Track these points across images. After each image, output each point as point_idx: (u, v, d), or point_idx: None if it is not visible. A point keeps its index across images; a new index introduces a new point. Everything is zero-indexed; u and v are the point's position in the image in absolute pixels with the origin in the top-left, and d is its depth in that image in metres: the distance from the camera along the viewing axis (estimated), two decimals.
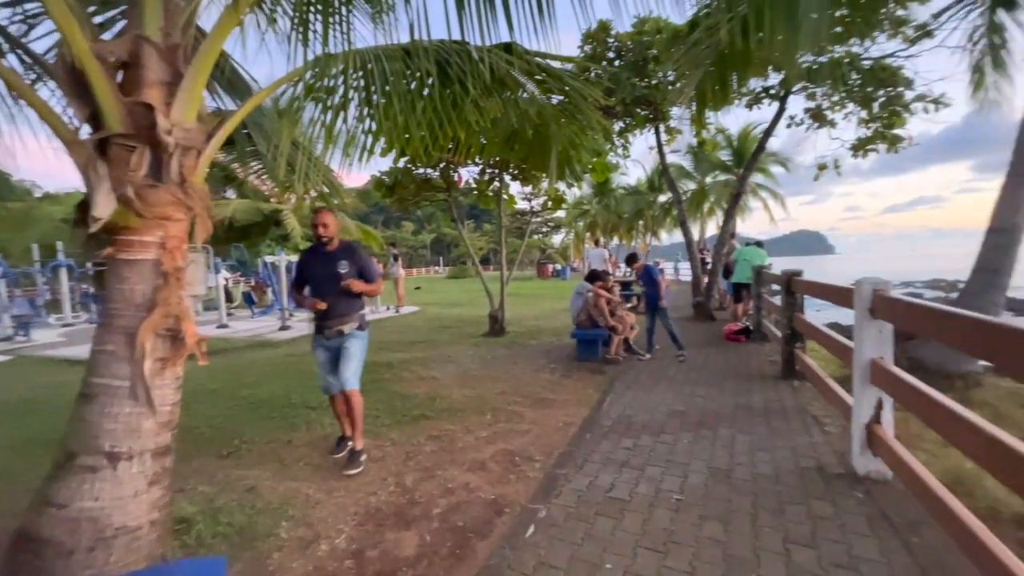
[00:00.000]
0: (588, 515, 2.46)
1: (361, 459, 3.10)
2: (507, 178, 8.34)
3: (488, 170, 8.28)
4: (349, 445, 3.23)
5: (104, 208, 1.83)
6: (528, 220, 10.98)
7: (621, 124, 9.60)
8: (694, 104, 5.26)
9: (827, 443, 3.23)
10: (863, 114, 8.18)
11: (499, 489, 2.82)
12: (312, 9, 2.35)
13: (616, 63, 8.85)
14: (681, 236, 10.99)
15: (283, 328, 9.64)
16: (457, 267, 38.18)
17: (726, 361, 5.95)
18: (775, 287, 6.35)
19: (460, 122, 2.79)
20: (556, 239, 42.13)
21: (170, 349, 2.04)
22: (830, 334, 3.60)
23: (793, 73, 6.06)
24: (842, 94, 8.10)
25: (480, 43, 2.45)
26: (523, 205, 9.73)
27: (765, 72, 7.82)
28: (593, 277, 6.38)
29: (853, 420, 2.75)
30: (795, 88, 8.33)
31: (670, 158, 11.55)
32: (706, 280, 10.21)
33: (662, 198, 23.96)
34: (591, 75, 8.30)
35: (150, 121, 1.92)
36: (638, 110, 9.06)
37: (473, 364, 6.18)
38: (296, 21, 2.32)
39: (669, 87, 8.10)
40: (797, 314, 4.74)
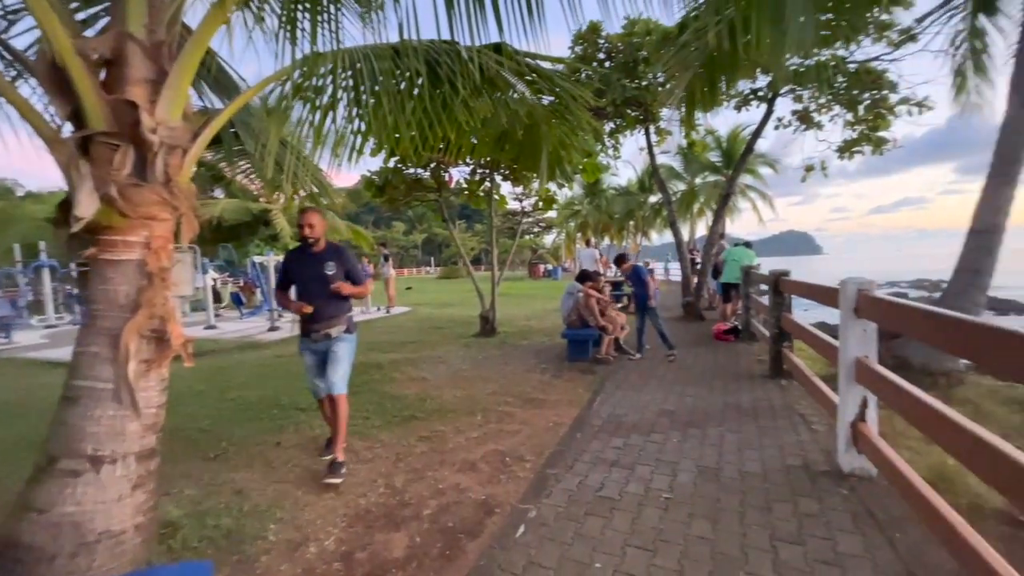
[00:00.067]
0: (578, 515, 2.46)
1: (342, 471, 2.94)
2: (498, 178, 8.33)
3: (479, 170, 8.27)
4: (331, 456, 3.05)
5: (87, 207, 1.80)
6: (519, 220, 10.97)
7: (612, 125, 9.65)
8: (683, 105, 5.31)
9: (814, 441, 3.27)
10: (849, 116, 8.31)
11: (489, 489, 2.81)
12: (300, 7, 2.33)
13: (606, 64, 8.89)
14: (671, 236, 11.07)
15: (272, 329, 9.54)
16: (448, 267, 38.10)
17: (715, 360, 6.00)
18: (763, 287, 6.42)
19: (450, 122, 2.78)
20: (547, 239, 42.20)
21: (155, 351, 2.02)
22: (816, 333, 3.65)
23: (780, 75, 6.13)
24: (828, 97, 8.22)
25: (470, 43, 2.44)
26: (514, 205, 9.73)
27: (753, 74, 7.90)
28: (583, 277, 6.40)
29: (839, 418, 2.79)
30: (782, 90, 8.43)
31: (660, 159, 11.64)
32: (695, 280, 10.30)
33: (652, 199, 24.12)
34: (582, 76, 8.33)
35: (134, 119, 1.89)
36: (628, 111, 9.10)
37: (464, 364, 6.17)
38: (284, 19, 2.30)
39: (659, 88, 8.16)
40: (784, 314, 4.79)
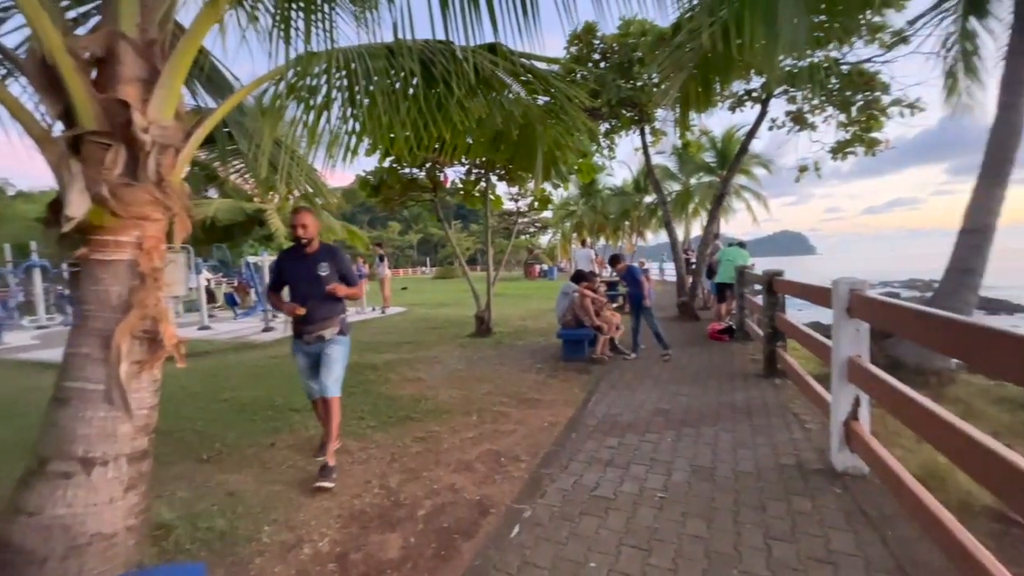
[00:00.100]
0: (573, 514, 2.47)
1: (333, 475, 2.90)
2: (493, 178, 8.33)
3: (474, 170, 8.27)
4: (322, 460, 3.02)
5: (77, 207, 1.78)
6: (515, 220, 10.99)
7: (607, 125, 9.67)
8: (678, 106, 5.33)
9: (807, 440, 3.29)
10: (842, 117, 8.36)
11: (484, 489, 2.81)
12: (294, 6, 2.33)
13: (602, 65, 8.91)
14: (666, 237, 11.11)
15: (266, 329, 9.50)
16: (444, 267, 38.03)
17: (710, 360, 6.03)
18: (757, 287, 6.45)
19: (445, 122, 2.78)
20: (543, 239, 42.23)
21: (147, 351, 2.00)
22: (810, 333, 3.67)
23: (773, 77, 6.17)
24: (821, 98, 8.26)
25: (464, 43, 2.44)
26: (510, 205, 9.75)
27: (747, 75, 7.95)
28: (579, 277, 6.41)
29: (832, 417, 2.81)
30: (776, 92, 8.47)
31: (655, 159, 11.67)
32: (690, 280, 10.33)
33: (648, 199, 24.12)
34: (577, 77, 8.35)
35: (126, 118, 1.88)
36: (623, 111, 9.12)
37: (459, 365, 6.17)
38: (277, 18, 2.30)
39: (654, 89, 8.18)
40: (778, 313, 4.82)
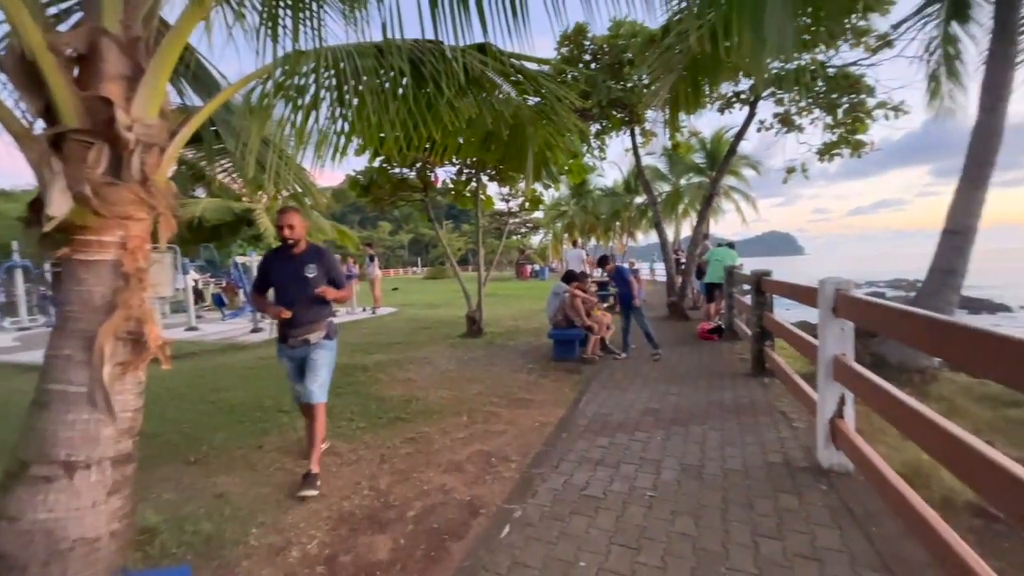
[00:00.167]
0: (563, 514, 2.47)
1: (316, 483, 2.83)
2: (484, 179, 8.33)
3: (465, 170, 8.25)
4: (306, 468, 2.95)
5: (59, 206, 1.75)
6: (506, 221, 10.99)
7: (597, 126, 9.70)
8: (668, 107, 5.36)
9: (794, 438, 3.33)
10: (828, 120, 8.47)
11: (475, 490, 2.81)
12: (281, 4, 2.31)
13: (592, 66, 8.94)
14: (657, 237, 11.18)
15: (255, 331, 9.40)
16: (435, 268, 37.94)
17: (699, 359, 6.08)
18: (746, 287, 6.51)
19: (435, 122, 2.78)
20: (535, 240, 42.31)
21: (131, 353, 1.97)
22: (797, 332, 3.72)
23: (761, 79, 6.24)
24: (808, 100, 8.38)
25: (454, 43, 2.44)
26: (501, 206, 9.74)
27: (735, 77, 8.02)
28: (569, 278, 6.43)
29: (818, 415, 2.85)
30: (764, 94, 8.56)
31: (645, 160, 11.72)
32: (680, 280, 10.41)
33: (638, 200, 24.29)
34: (567, 77, 8.37)
35: (109, 116, 1.84)
36: (614, 112, 9.17)
37: (450, 365, 6.15)
38: (265, 16, 2.27)
39: (644, 90, 8.23)
40: (766, 313, 4.87)
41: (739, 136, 9.38)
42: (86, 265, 1.91)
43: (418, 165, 7.93)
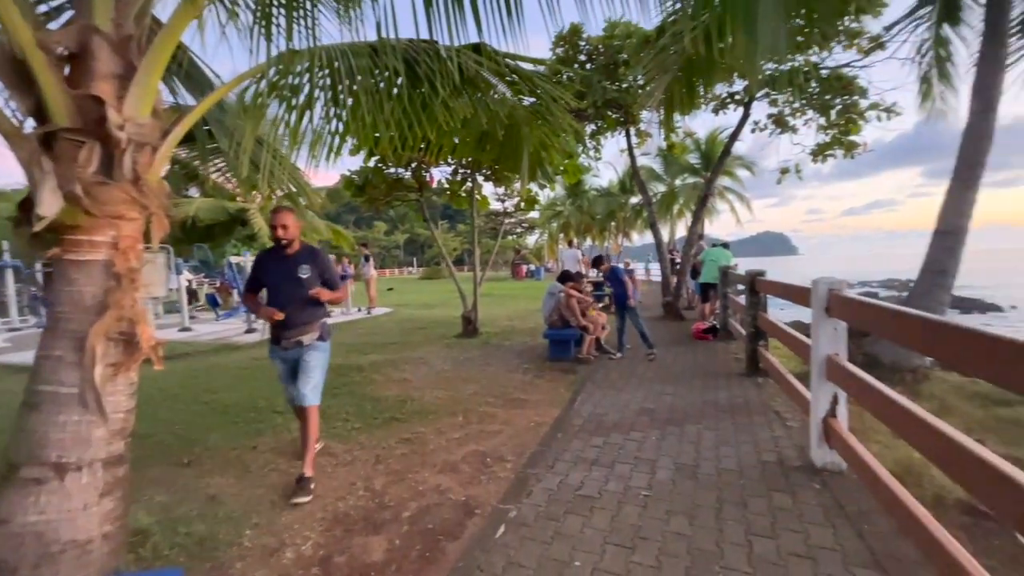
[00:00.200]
0: (558, 514, 2.48)
1: (311, 486, 2.80)
2: (480, 179, 8.32)
3: (461, 170, 8.25)
4: (300, 472, 2.92)
5: (49, 206, 1.73)
6: (502, 221, 11.00)
7: (593, 127, 9.72)
8: (663, 108, 5.38)
9: (788, 437, 3.35)
10: (822, 121, 8.53)
11: (470, 490, 2.81)
12: (275, 2, 2.29)
13: (587, 66, 8.95)
14: (652, 237, 11.21)
15: (249, 331, 9.35)
16: (431, 268, 37.85)
17: (694, 359, 6.10)
18: (740, 287, 6.55)
19: (430, 122, 2.77)
20: (530, 240, 42.33)
21: (123, 354, 1.95)
22: (790, 332, 3.73)
23: (755, 80, 6.27)
24: (802, 101, 8.43)
25: (449, 43, 2.44)
26: (496, 206, 9.75)
27: (730, 78, 8.06)
28: (565, 278, 6.44)
29: (811, 414, 2.86)
30: (758, 95, 8.61)
31: (640, 161, 11.76)
32: (675, 280, 10.44)
33: (633, 200, 24.34)
34: (563, 78, 8.39)
35: (100, 115, 1.83)
36: (609, 113, 9.18)
37: (446, 365, 6.14)
38: (258, 15, 2.26)
39: (639, 91, 8.25)
40: (760, 313, 4.90)
41: (733, 137, 9.42)
42: (77, 265, 1.89)
43: (413, 165, 7.91)
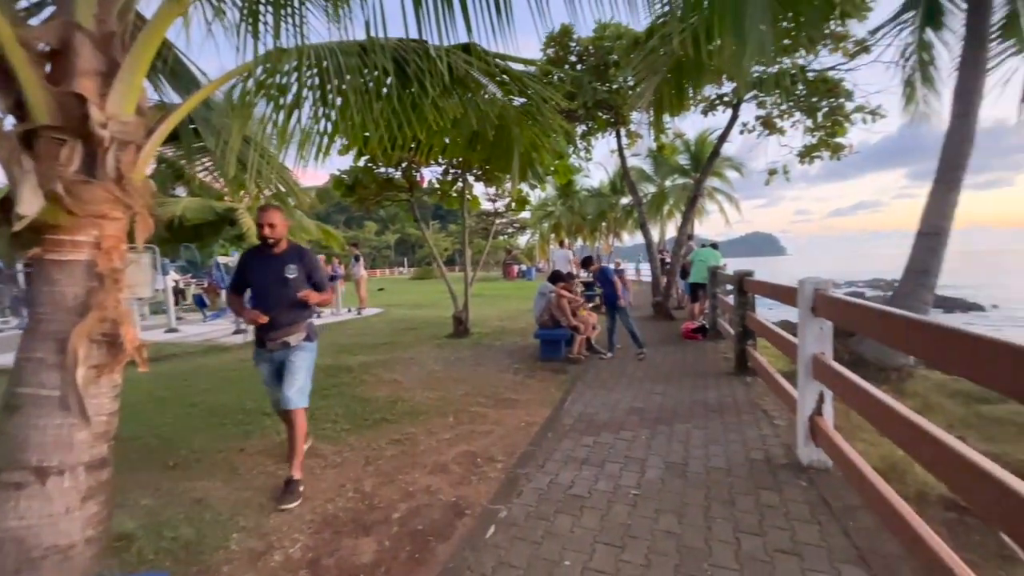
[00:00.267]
0: (548, 513, 2.48)
1: (299, 489, 2.77)
2: (470, 179, 8.31)
3: (451, 171, 8.23)
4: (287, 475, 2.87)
5: (30, 205, 1.70)
6: (493, 221, 10.99)
7: (583, 127, 9.75)
8: (652, 109, 5.41)
9: (775, 435, 3.39)
10: (809, 123, 8.64)
11: (460, 491, 2.80)
12: (262, 0, 2.27)
13: (578, 67, 8.98)
14: (642, 238, 11.27)
15: (237, 332, 9.24)
16: (422, 268, 37.72)
17: (683, 359, 6.15)
18: (729, 287, 6.61)
19: (420, 122, 2.76)
20: (522, 240, 42.35)
21: (106, 355, 1.92)
22: (778, 331, 3.78)
23: (742, 82, 6.34)
24: (789, 104, 8.53)
25: (438, 43, 2.43)
26: (487, 206, 9.73)
27: (718, 80, 8.13)
28: (556, 278, 6.45)
29: (798, 413, 2.90)
30: (747, 96, 8.70)
31: (631, 161, 11.83)
32: (665, 280, 10.51)
33: (624, 200, 24.45)
34: (553, 79, 8.41)
35: (82, 113, 1.79)
36: (599, 114, 9.22)
37: (436, 366, 6.13)
38: (245, 12, 2.24)
39: (629, 92, 8.29)
40: (749, 313, 4.95)
41: (722, 138, 9.50)
42: (59, 265, 1.85)
43: (404, 165, 7.88)
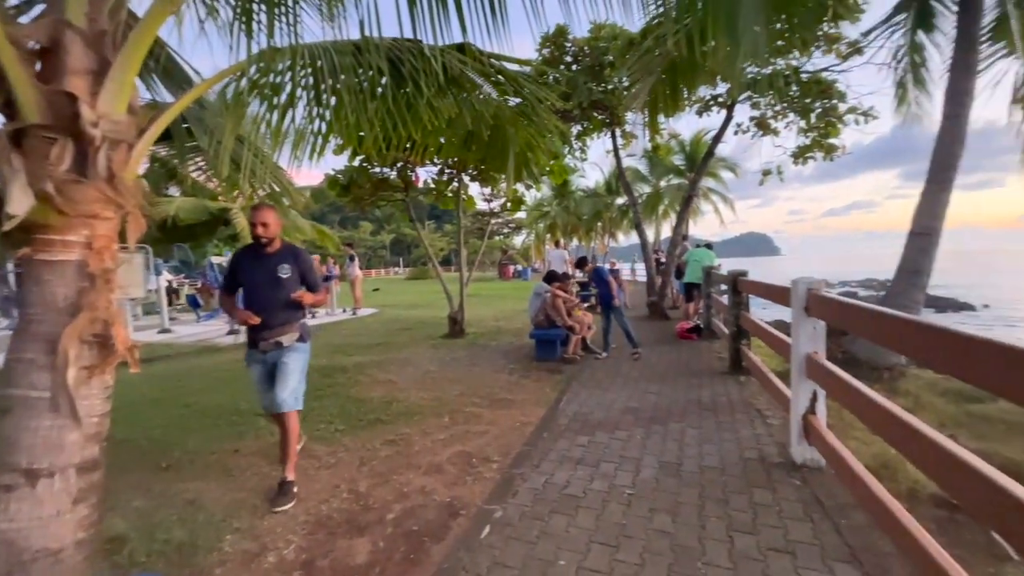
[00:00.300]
0: (543, 513, 2.48)
1: (293, 490, 2.75)
2: (466, 179, 8.30)
3: (446, 170, 8.22)
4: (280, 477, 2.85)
5: (19, 204, 1.68)
6: (488, 221, 10.99)
7: (579, 128, 9.77)
8: (647, 109, 5.43)
9: (769, 434, 3.40)
10: (802, 124, 8.70)
11: (455, 491, 2.80)
12: None
13: (573, 67, 9.00)
14: (637, 238, 11.31)
15: (231, 332, 9.18)
16: (417, 268, 37.62)
17: (678, 358, 6.17)
18: (723, 287, 6.64)
19: (415, 122, 2.75)
20: (517, 240, 42.37)
21: (98, 356, 1.90)
22: (771, 331, 3.80)
23: (736, 83, 6.38)
24: (783, 104, 8.59)
25: (433, 43, 2.42)
26: (483, 206, 9.75)
27: (713, 81, 8.18)
28: (551, 278, 6.46)
29: (791, 412, 2.92)
30: (741, 97, 8.75)
31: (626, 162, 11.89)
32: (660, 280, 10.54)
33: (619, 201, 24.54)
34: (549, 79, 8.42)
35: (73, 111, 1.78)
36: (595, 114, 9.25)
37: (431, 366, 6.12)
38: (238, 11, 2.22)
39: (624, 92, 8.32)
40: (743, 312, 4.97)
41: (717, 139, 9.55)
42: (49, 265, 1.84)
43: (399, 165, 7.86)
